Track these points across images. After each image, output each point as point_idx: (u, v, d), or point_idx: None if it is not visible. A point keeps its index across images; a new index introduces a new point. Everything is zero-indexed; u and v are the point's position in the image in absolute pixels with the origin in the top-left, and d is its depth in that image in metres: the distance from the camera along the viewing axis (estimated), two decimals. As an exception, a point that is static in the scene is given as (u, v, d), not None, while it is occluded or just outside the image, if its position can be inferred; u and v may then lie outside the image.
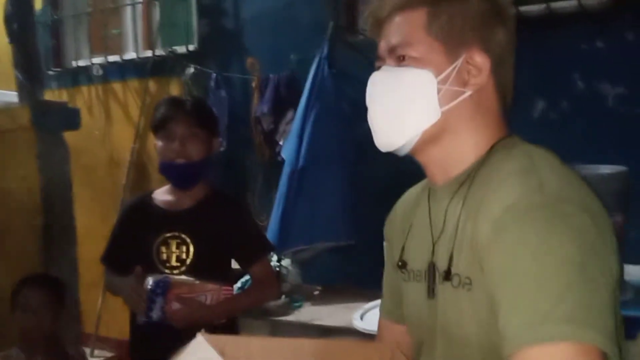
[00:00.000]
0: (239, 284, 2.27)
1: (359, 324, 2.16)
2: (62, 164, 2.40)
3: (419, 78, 0.86)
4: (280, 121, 2.87)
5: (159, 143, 1.81)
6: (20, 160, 2.35)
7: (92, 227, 3.24)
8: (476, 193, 0.83)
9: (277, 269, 2.59)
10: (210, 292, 1.68)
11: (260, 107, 2.87)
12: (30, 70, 2.41)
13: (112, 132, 3.42)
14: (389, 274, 1.06)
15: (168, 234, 1.83)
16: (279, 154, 2.75)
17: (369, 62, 0.96)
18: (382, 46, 0.91)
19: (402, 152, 0.90)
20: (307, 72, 2.61)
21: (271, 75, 2.84)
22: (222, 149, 2.73)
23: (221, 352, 0.82)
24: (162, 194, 1.91)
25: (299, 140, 2.59)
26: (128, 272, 1.84)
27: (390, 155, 0.93)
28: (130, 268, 1.80)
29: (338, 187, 2.59)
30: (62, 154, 2.40)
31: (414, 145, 0.88)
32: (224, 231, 1.84)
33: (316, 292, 2.66)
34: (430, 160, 0.91)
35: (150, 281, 1.68)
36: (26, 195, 2.34)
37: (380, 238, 1.07)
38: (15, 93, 2.47)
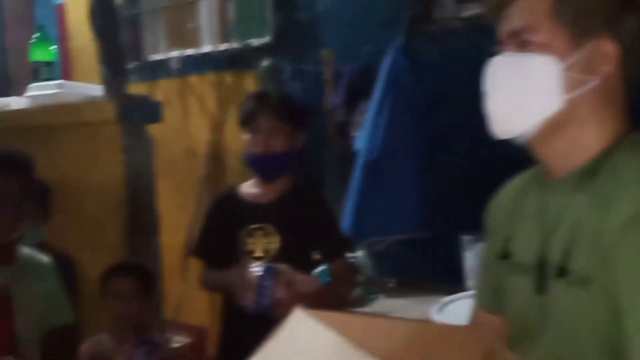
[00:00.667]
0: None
1: (437, 318, 2.14)
2: (146, 156, 2.48)
3: (542, 65, 0.83)
4: (354, 113, 2.86)
5: (246, 136, 1.88)
6: (106, 153, 2.44)
7: (171, 217, 3.34)
8: (603, 187, 0.80)
9: (352, 260, 2.60)
10: (305, 282, 1.73)
11: (333, 98, 2.87)
12: (114, 64, 2.49)
13: (189, 125, 3.50)
14: (489, 263, 1.04)
15: (253, 226, 1.89)
16: (352, 145, 2.75)
17: (444, 52, 0.94)
18: (503, 30, 0.88)
19: (520, 141, 0.88)
20: (382, 64, 2.59)
21: (345, 67, 2.83)
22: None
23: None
24: (248, 187, 1.99)
25: (373, 132, 2.57)
26: (220, 264, 1.92)
27: (467, 147, 0.91)
28: (223, 260, 1.87)
29: (413, 179, 2.57)
30: (145, 146, 2.47)
31: (534, 134, 0.86)
32: (308, 223, 1.89)
33: (391, 285, 2.65)
34: (549, 151, 0.88)
35: (258, 269, 1.74)
36: (112, 188, 2.43)
37: (455, 231, 1.05)
38: (100, 87, 2.57)
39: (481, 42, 1.10)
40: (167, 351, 2.20)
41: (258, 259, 1.88)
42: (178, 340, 3.60)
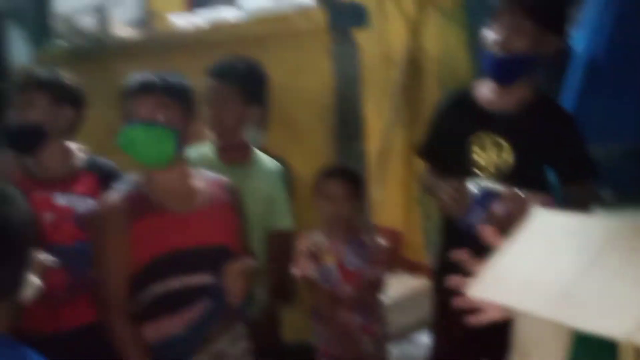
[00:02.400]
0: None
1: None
2: (353, 62, 2.52)
3: None
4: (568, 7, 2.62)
5: (488, 33, 1.75)
6: (315, 61, 2.51)
7: (369, 123, 3.41)
8: None
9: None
10: (536, 202, 1.63)
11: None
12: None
13: (386, 29, 3.45)
14: None
15: (486, 136, 1.81)
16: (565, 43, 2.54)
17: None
18: None
19: None
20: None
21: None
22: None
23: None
24: (484, 91, 1.84)
25: (595, 29, 2.34)
26: (443, 168, 1.87)
27: None
28: (447, 165, 1.83)
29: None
30: (352, 53, 2.51)
31: None
32: (547, 140, 1.76)
33: (607, 198, 2.49)
34: None
35: (476, 188, 1.68)
36: (321, 94, 2.52)
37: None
38: (309, -5, 2.61)
39: None
40: (375, 251, 2.29)
41: (484, 170, 1.79)
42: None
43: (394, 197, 3.47)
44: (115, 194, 1.68)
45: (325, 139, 2.56)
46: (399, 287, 3.27)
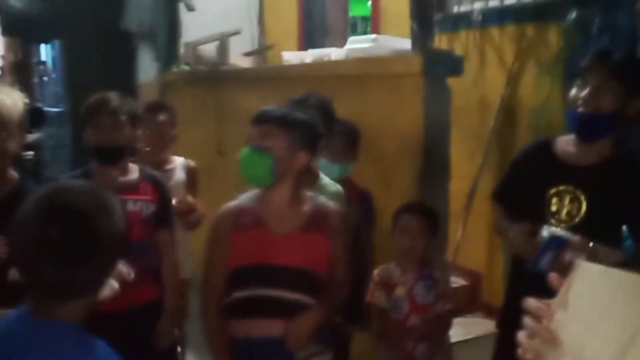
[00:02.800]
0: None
1: None
2: (444, 107, 2.63)
3: None
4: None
5: (572, 90, 1.79)
6: (408, 103, 2.65)
7: (458, 165, 3.49)
8: None
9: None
10: (606, 254, 1.64)
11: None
12: (423, 20, 2.66)
13: (485, 76, 3.56)
14: None
15: (562, 187, 1.83)
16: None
17: None
18: None
19: None
20: None
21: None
22: None
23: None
24: (565, 144, 1.90)
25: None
26: (517, 213, 1.92)
27: None
28: (521, 211, 1.88)
29: None
30: (445, 98, 2.63)
31: None
32: (624, 196, 1.76)
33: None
34: None
35: (546, 233, 1.69)
36: (411, 135, 2.64)
37: None
38: (407, 40, 2.78)
39: None
40: (445, 288, 2.37)
41: (561, 222, 1.82)
42: (454, 281, 3.83)
43: (477, 239, 3.52)
44: (230, 205, 1.95)
45: (412, 177, 2.67)
46: (473, 327, 3.30)
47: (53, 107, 8.00)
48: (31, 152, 7.48)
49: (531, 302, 0.89)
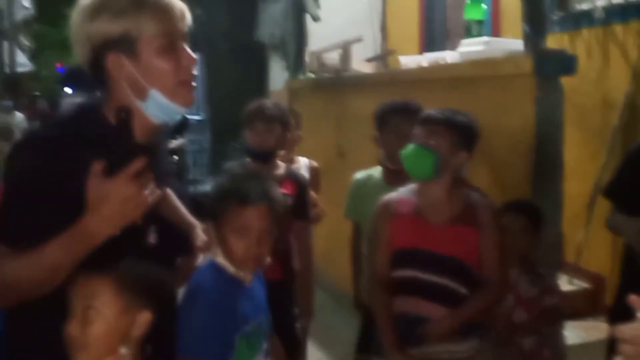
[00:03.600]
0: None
1: None
2: (556, 107, 2.64)
3: None
4: None
5: None
6: (519, 103, 2.69)
7: (580, 165, 3.43)
8: None
9: None
10: None
11: None
12: (535, 22, 2.69)
13: (608, 75, 3.46)
14: None
15: None
16: None
17: None
18: None
19: None
20: None
21: None
22: None
23: None
24: None
25: None
26: (631, 210, 2.00)
27: None
28: (634, 207, 1.94)
29: None
30: (557, 98, 2.63)
31: None
32: None
33: None
34: None
35: None
36: (522, 135, 2.68)
37: None
38: (520, 42, 2.81)
39: None
40: (551, 283, 2.38)
41: None
42: (576, 284, 3.73)
43: (600, 242, 3.43)
44: (392, 195, 2.19)
45: (523, 177, 2.70)
46: (593, 331, 3.22)
47: (193, 115, 8.70)
48: (175, 157, 8.22)
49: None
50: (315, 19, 5.13)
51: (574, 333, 2.80)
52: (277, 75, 5.98)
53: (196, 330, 1.51)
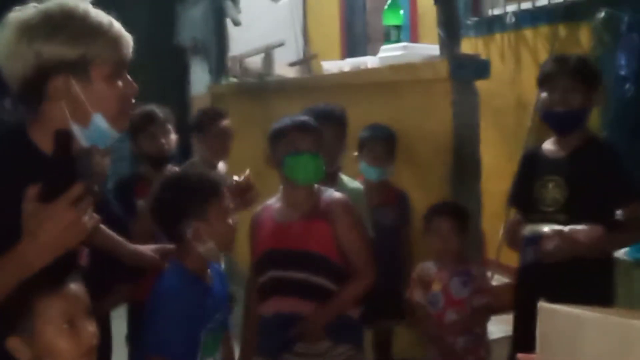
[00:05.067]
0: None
1: None
2: (472, 109, 2.73)
3: None
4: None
5: (543, 94, 2.09)
6: (437, 107, 2.76)
7: (498, 165, 3.55)
8: None
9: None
10: (586, 232, 1.90)
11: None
12: (449, 28, 2.78)
13: (520, 78, 3.62)
14: None
15: (546, 177, 2.14)
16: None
17: None
18: None
19: None
20: None
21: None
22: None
23: None
24: (548, 144, 2.21)
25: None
26: (524, 210, 2.23)
27: None
28: (526, 209, 2.14)
29: None
30: (473, 101, 2.73)
31: None
32: (596, 175, 2.05)
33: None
34: None
35: (526, 231, 2.03)
36: (441, 137, 2.75)
37: None
38: (437, 47, 2.90)
39: None
40: (482, 283, 2.45)
41: (548, 206, 2.10)
42: (498, 279, 3.87)
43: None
44: (259, 207, 2.28)
45: (444, 177, 2.78)
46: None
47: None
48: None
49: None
50: (236, 23, 5.10)
51: (497, 327, 2.90)
52: (199, 79, 5.89)
53: (166, 330, 1.67)
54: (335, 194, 2.15)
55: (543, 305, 0.85)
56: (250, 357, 2.20)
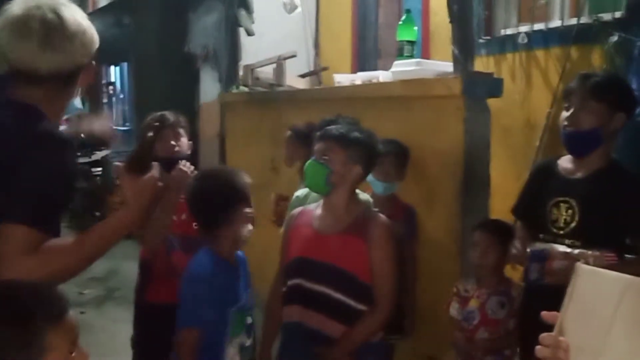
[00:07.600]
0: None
1: None
2: (484, 127, 2.75)
3: None
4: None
5: (563, 112, 2.05)
6: (449, 123, 2.78)
7: (506, 183, 3.56)
8: None
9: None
10: (591, 258, 1.83)
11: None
12: (464, 46, 2.80)
13: (531, 97, 3.63)
14: None
15: (560, 198, 2.06)
16: None
17: None
18: None
19: None
20: None
21: None
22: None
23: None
24: (565, 161, 2.14)
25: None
26: (530, 226, 2.16)
27: None
28: (532, 224, 2.07)
29: None
30: (484, 118, 2.75)
31: None
32: (614, 203, 1.94)
33: None
34: None
35: (531, 249, 1.98)
36: (452, 153, 2.77)
37: None
38: (449, 63, 2.92)
39: None
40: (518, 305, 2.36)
41: (559, 229, 2.03)
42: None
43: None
44: (301, 207, 2.36)
45: (453, 194, 2.80)
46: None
47: (121, 126, 8.47)
48: (99, 168, 7.94)
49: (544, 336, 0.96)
50: (250, 33, 5.13)
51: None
52: (209, 87, 5.92)
53: (201, 307, 1.91)
54: (380, 216, 2.18)
55: (581, 266, 0.92)
56: (269, 356, 2.27)
